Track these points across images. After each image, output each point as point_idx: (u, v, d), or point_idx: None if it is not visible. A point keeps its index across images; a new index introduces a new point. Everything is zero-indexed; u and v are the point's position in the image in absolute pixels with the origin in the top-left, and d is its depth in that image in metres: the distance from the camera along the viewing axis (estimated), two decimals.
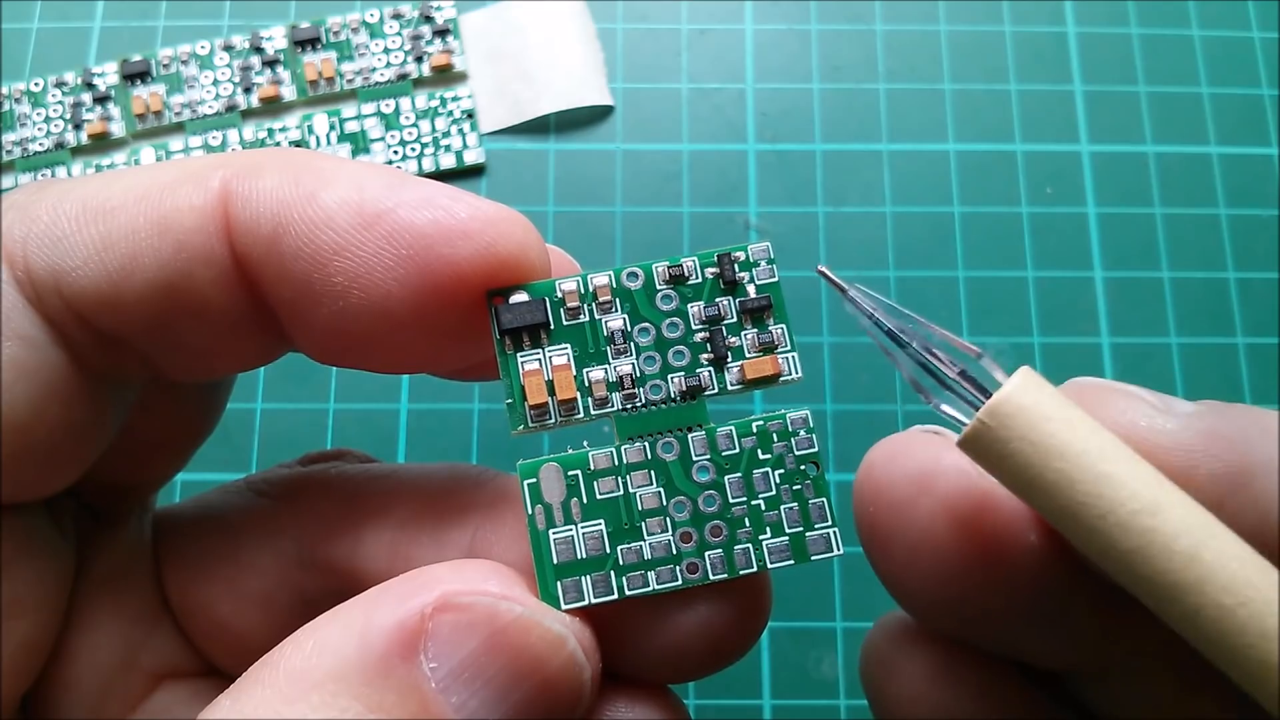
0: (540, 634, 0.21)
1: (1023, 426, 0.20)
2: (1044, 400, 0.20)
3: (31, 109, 0.57)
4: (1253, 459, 0.20)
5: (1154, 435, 0.21)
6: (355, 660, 0.20)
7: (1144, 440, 0.21)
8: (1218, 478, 0.20)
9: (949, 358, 0.22)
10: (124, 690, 0.27)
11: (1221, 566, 0.19)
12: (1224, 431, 0.21)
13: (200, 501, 0.29)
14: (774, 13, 0.60)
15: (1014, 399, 0.20)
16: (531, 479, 0.23)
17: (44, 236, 0.22)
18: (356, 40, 0.58)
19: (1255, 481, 0.20)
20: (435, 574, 0.22)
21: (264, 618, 0.27)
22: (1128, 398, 0.22)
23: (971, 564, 0.22)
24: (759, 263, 0.24)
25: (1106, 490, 0.20)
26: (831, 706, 0.49)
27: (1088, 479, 0.20)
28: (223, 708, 0.20)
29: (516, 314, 0.23)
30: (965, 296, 0.55)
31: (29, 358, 0.22)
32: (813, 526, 0.23)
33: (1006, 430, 0.20)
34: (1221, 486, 0.20)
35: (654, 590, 0.23)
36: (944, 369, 0.22)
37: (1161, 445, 0.21)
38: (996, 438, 0.20)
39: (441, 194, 0.23)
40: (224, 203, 0.23)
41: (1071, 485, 0.20)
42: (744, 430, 0.24)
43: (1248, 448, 0.21)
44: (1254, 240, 0.56)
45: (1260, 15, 0.60)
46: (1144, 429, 0.21)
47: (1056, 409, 0.20)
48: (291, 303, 0.23)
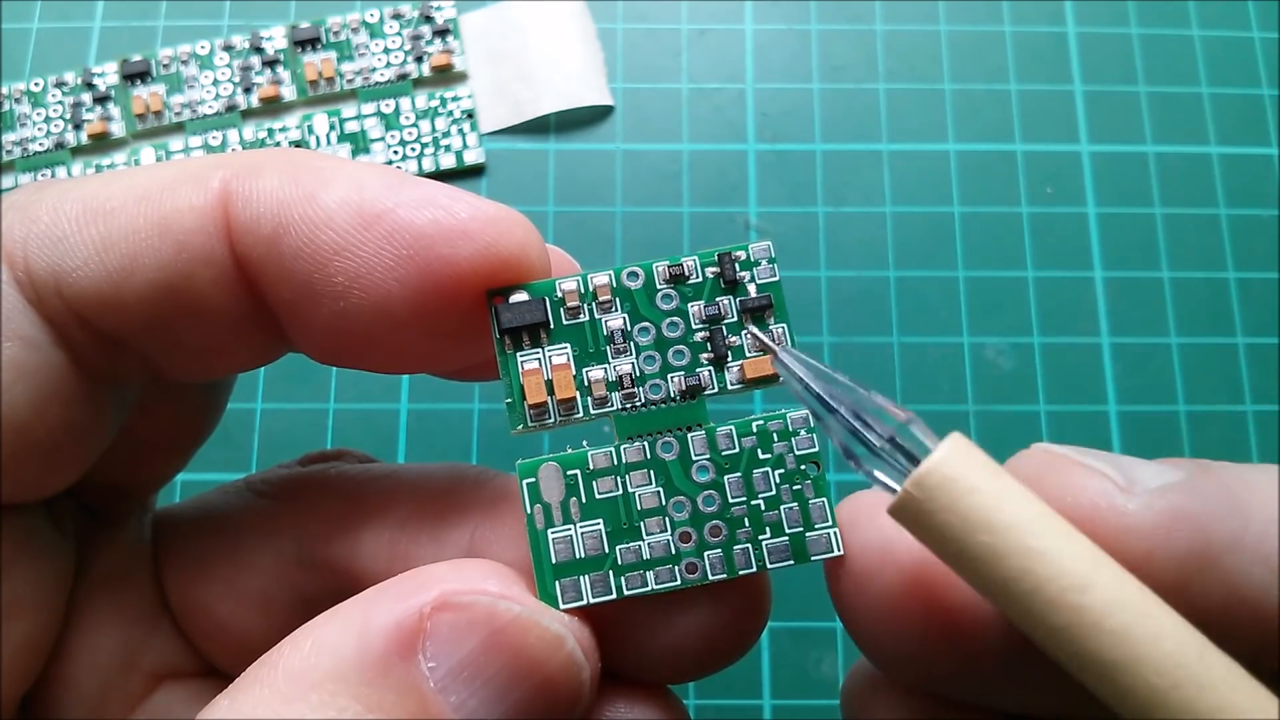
0: (539, 634, 0.21)
1: (948, 498, 0.19)
2: (972, 471, 0.20)
3: (31, 109, 0.57)
4: (1215, 539, 0.20)
5: (1114, 517, 0.20)
6: (354, 660, 0.20)
7: (1103, 522, 0.20)
8: (1180, 560, 0.20)
9: (879, 423, 0.21)
10: (124, 690, 0.27)
11: (1154, 646, 0.18)
12: (1187, 511, 0.20)
13: (200, 502, 0.29)
14: (774, 13, 0.60)
15: (940, 469, 0.19)
16: (530, 478, 0.23)
17: (44, 237, 0.22)
18: (356, 40, 0.58)
19: (1219, 563, 0.20)
20: (434, 573, 0.22)
21: (263, 618, 0.27)
22: (1087, 473, 0.21)
23: (935, 631, 0.22)
24: (760, 262, 0.24)
25: (1035, 566, 0.19)
26: (831, 706, 0.49)
27: (1015, 553, 0.19)
28: (221, 708, 0.20)
29: (516, 313, 0.23)
30: (965, 296, 0.55)
31: (29, 358, 0.22)
32: (813, 527, 0.23)
33: (932, 501, 0.19)
34: (1186, 569, 0.20)
35: (653, 590, 0.23)
36: (873, 435, 0.21)
37: (1121, 528, 0.20)
38: (923, 509, 0.20)
39: (441, 194, 0.23)
40: (224, 203, 0.23)
41: (998, 559, 0.19)
42: (744, 430, 0.24)
43: (1212, 527, 0.20)
44: (1254, 240, 0.56)
45: (1260, 15, 0.60)
46: (1103, 510, 0.20)
47: (985, 479, 0.20)
48: (292, 303, 0.23)
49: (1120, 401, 0.53)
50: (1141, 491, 0.20)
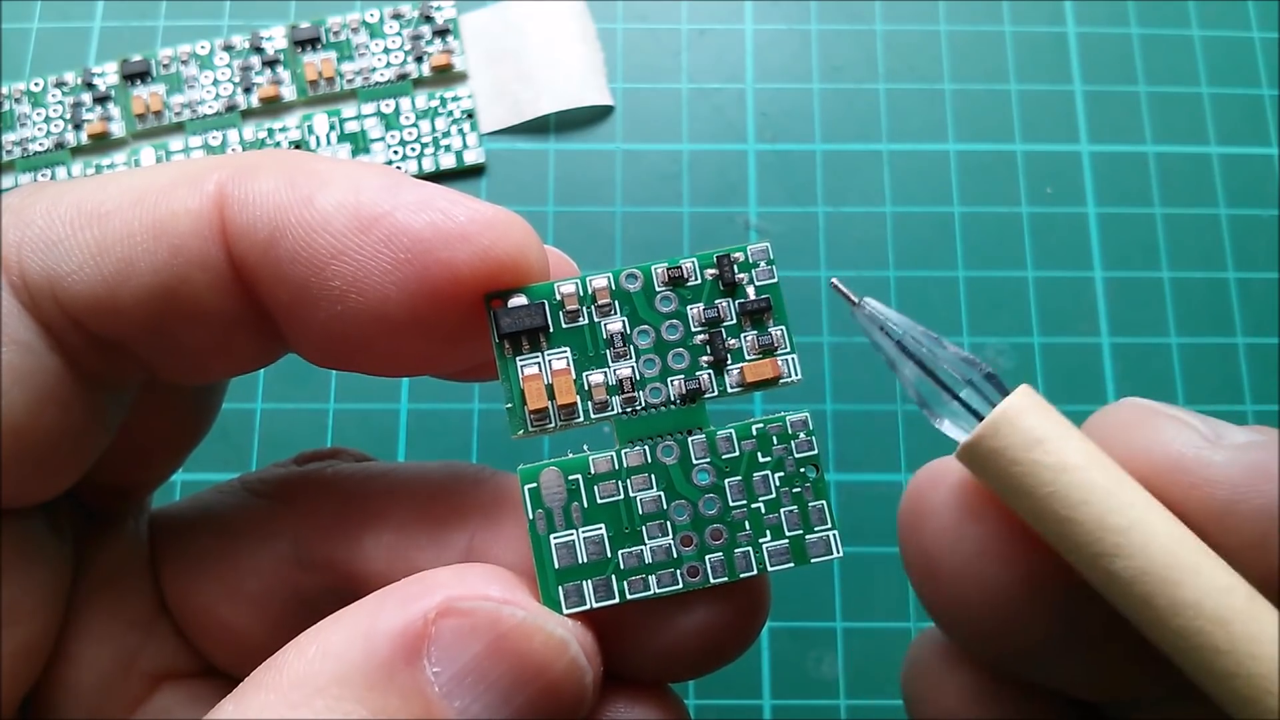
0: (543, 639, 0.21)
1: (1014, 441, 0.20)
2: (1038, 418, 0.21)
3: (31, 109, 0.57)
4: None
5: (1200, 468, 0.21)
6: (359, 664, 0.20)
7: (1187, 471, 0.21)
8: (1261, 514, 0.20)
9: (955, 371, 0.22)
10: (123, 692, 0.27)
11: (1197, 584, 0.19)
12: (1272, 466, 0.20)
13: (196, 502, 0.29)
14: (774, 13, 0.60)
15: (1007, 415, 0.21)
16: (532, 483, 0.23)
17: (39, 240, 0.22)
18: (356, 40, 0.58)
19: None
20: (438, 578, 0.22)
21: (262, 617, 0.27)
22: (1176, 424, 0.21)
23: (1015, 593, 0.22)
24: (758, 263, 0.24)
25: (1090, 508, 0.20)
26: (831, 706, 0.49)
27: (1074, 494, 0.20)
28: (226, 711, 0.20)
29: (515, 318, 0.23)
30: (965, 296, 0.55)
31: (25, 362, 0.22)
32: (813, 529, 0.23)
33: (998, 444, 0.21)
34: (1265, 522, 0.20)
35: (655, 594, 0.23)
36: (948, 382, 0.22)
37: (1206, 478, 0.20)
38: (989, 452, 0.21)
39: (440, 196, 0.23)
40: (220, 206, 0.23)
41: (1059, 501, 0.20)
42: (744, 433, 0.23)
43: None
44: (1254, 240, 0.56)
45: (1260, 15, 0.60)
46: (1191, 460, 0.21)
47: (1049, 427, 0.21)
48: (288, 306, 0.23)
49: None
50: (1229, 443, 0.21)
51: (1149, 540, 0.20)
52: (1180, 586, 0.19)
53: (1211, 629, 0.19)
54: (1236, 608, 0.19)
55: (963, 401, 0.22)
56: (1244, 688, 0.19)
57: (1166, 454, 0.21)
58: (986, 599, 0.23)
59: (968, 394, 0.22)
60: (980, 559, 0.23)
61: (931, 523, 0.23)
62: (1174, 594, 0.19)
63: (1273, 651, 0.19)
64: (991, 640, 0.23)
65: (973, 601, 0.23)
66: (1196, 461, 0.21)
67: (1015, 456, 0.21)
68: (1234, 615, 0.19)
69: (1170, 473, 0.21)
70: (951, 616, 0.24)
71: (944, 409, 0.22)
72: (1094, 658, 0.23)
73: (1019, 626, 0.23)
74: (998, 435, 0.21)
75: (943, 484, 0.23)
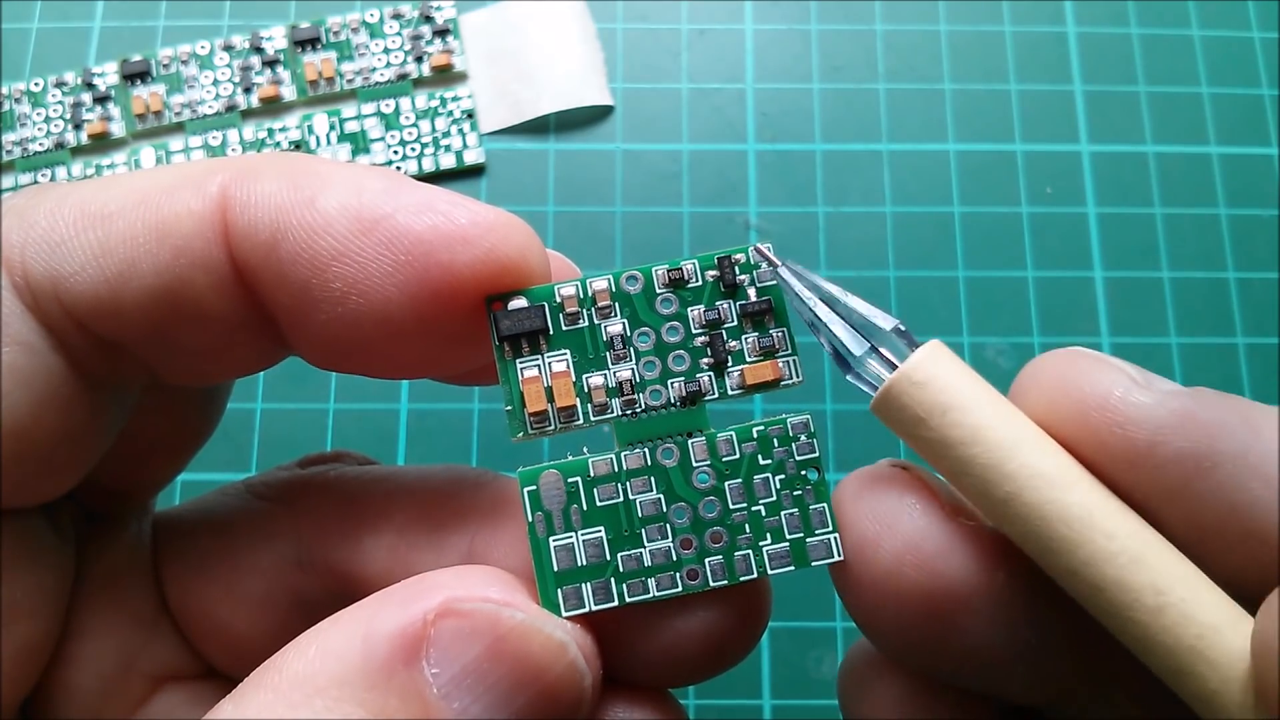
0: (542, 641, 0.21)
1: (922, 392, 0.21)
2: (945, 368, 0.22)
3: (31, 109, 0.57)
4: (1221, 446, 0.20)
5: (1125, 407, 0.21)
6: (358, 665, 0.20)
7: (1115, 411, 0.21)
8: (1181, 458, 0.20)
9: (869, 331, 0.23)
10: (124, 694, 0.27)
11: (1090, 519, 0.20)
12: (1198, 415, 0.21)
13: (199, 504, 0.29)
14: (774, 13, 0.60)
15: (917, 368, 0.21)
16: (531, 486, 0.23)
17: (42, 241, 0.22)
18: (356, 40, 0.58)
19: (1219, 469, 0.20)
20: (437, 580, 0.22)
21: (263, 620, 0.27)
22: (1108, 368, 0.22)
23: (935, 608, 0.22)
24: (759, 265, 0.24)
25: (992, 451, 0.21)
26: (831, 706, 0.49)
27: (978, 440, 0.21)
28: (225, 711, 0.20)
29: (515, 320, 0.23)
30: (965, 296, 0.55)
31: (27, 363, 0.22)
32: (813, 532, 0.23)
33: (906, 395, 0.21)
34: (1185, 468, 0.20)
35: (654, 597, 0.23)
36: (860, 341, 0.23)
37: (1131, 418, 0.21)
38: (898, 402, 0.22)
39: (441, 199, 0.23)
40: (222, 208, 0.23)
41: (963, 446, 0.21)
42: (744, 436, 0.23)
43: (1219, 433, 0.20)
44: (1254, 240, 0.56)
45: (1260, 15, 0.60)
46: (1116, 399, 0.21)
47: (956, 377, 0.22)
48: (290, 308, 0.23)
49: None
50: (1156, 390, 0.21)
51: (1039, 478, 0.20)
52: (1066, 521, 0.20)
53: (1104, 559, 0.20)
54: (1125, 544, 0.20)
55: (878, 356, 0.23)
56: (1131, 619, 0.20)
57: (1094, 393, 0.21)
58: (907, 613, 0.22)
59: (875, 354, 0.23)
60: (898, 572, 0.22)
61: (851, 534, 0.23)
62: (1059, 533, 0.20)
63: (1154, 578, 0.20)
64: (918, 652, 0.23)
65: (893, 615, 0.23)
66: (1122, 402, 0.21)
67: (917, 411, 0.21)
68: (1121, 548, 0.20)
69: (1096, 411, 0.21)
70: (875, 630, 0.24)
71: (859, 366, 0.23)
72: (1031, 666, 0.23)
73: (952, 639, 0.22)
74: (901, 391, 0.22)
75: (863, 497, 0.23)
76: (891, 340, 0.23)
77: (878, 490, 0.23)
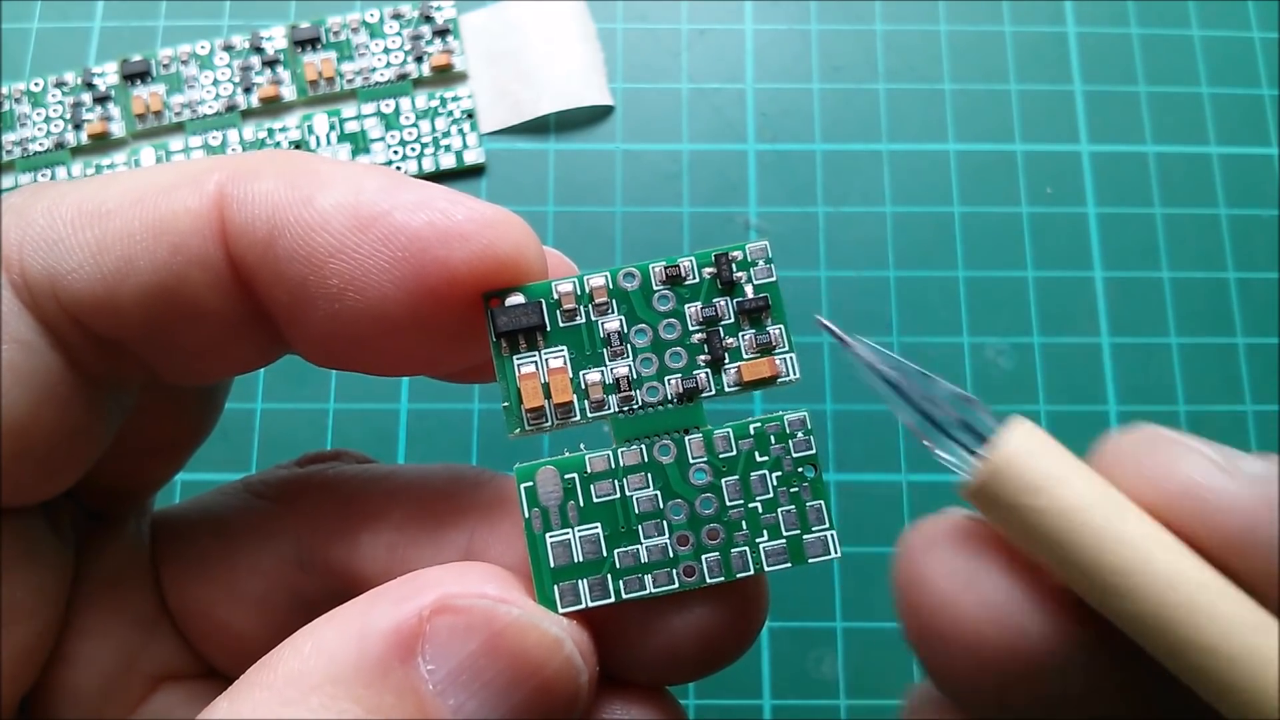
0: (537, 637, 0.21)
1: (1018, 478, 0.20)
2: (1039, 451, 0.21)
3: (31, 109, 0.57)
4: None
5: (1212, 495, 0.20)
6: (353, 662, 0.20)
7: (1201, 498, 0.20)
8: (1274, 545, 0.20)
9: (946, 407, 0.22)
10: (123, 693, 0.27)
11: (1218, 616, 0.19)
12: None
13: (198, 503, 0.29)
14: (774, 13, 0.60)
15: (1009, 449, 0.21)
16: (528, 482, 0.23)
17: (40, 239, 0.22)
18: (356, 40, 0.58)
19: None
20: (433, 576, 0.22)
21: (262, 619, 0.27)
22: (1189, 451, 0.21)
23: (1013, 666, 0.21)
24: (757, 262, 0.24)
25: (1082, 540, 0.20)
26: (831, 706, 0.49)
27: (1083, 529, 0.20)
28: (221, 709, 0.20)
29: (512, 317, 0.23)
30: (965, 296, 0.55)
31: (25, 361, 0.22)
32: (810, 529, 0.23)
33: (1003, 481, 0.21)
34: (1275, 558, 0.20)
35: (651, 594, 0.23)
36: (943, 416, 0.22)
37: (1219, 506, 0.20)
38: (993, 488, 0.21)
39: (438, 196, 0.23)
40: (219, 206, 0.23)
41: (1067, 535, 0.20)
42: (741, 432, 0.23)
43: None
44: (1254, 240, 0.56)
45: (1260, 15, 0.60)
46: (1202, 488, 0.20)
47: (1052, 460, 0.21)
48: (287, 305, 0.23)
49: (1120, 401, 0.53)
50: (1243, 475, 0.20)
51: (1151, 580, 0.19)
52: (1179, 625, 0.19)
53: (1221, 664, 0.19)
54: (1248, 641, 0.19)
55: (958, 441, 0.22)
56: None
57: (1179, 482, 0.20)
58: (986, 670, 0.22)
59: (963, 434, 0.22)
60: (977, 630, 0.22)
61: (925, 593, 0.22)
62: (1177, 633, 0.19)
63: None
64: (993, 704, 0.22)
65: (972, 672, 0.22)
66: (1210, 490, 0.20)
67: (1011, 500, 0.21)
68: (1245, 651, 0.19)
69: (1183, 500, 0.20)
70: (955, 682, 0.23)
71: (944, 445, 0.22)
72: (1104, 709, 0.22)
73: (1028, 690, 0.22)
74: (993, 479, 0.21)
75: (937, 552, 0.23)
76: (974, 416, 0.22)
77: (954, 546, 0.22)
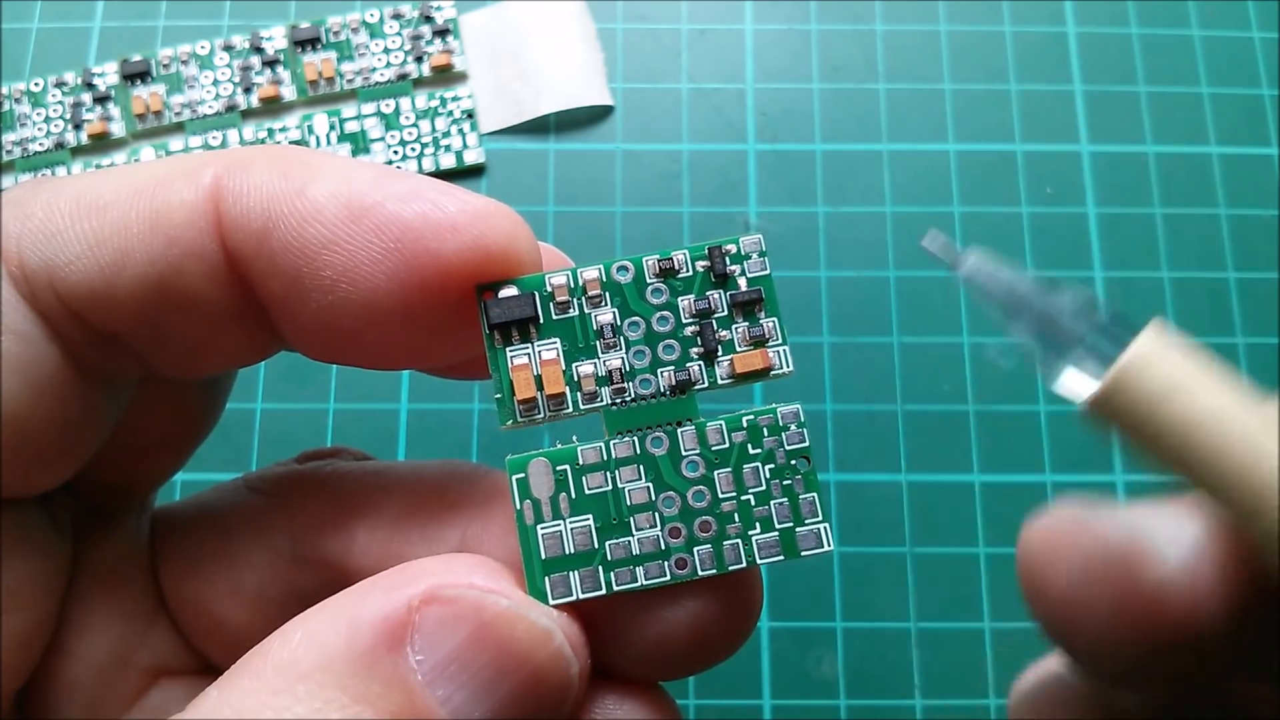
0: (527, 628, 0.21)
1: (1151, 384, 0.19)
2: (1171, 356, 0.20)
3: (31, 109, 0.57)
4: None
5: None
6: (342, 652, 0.20)
7: None
8: None
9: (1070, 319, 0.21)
10: (120, 687, 0.27)
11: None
12: None
13: (196, 500, 0.29)
14: (774, 13, 0.60)
15: (1143, 354, 0.20)
16: (520, 474, 0.23)
17: (38, 232, 0.23)
18: (356, 40, 0.59)
19: None
20: (422, 567, 0.22)
21: (259, 614, 0.27)
22: None
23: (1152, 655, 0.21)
24: (750, 255, 0.24)
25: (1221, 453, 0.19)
26: (831, 706, 0.49)
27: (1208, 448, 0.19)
28: (210, 698, 0.20)
29: (505, 308, 0.23)
30: (965, 296, 0.55)
31: (23, 352, 0.22)
32: (803, 522, 0.23)
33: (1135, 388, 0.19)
34: None
35: (642, 586, 0.23)
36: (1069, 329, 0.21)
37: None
38: (1125, 396, 0.20)
39: (430, 188, 0.23)
40: (215, 198, 0.23)
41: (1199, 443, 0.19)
42: (734, 425, 0.23)
43: None
44: (1254, 240, 0.56)
45: (1260, 15, 0.60)
46: None
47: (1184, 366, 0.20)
48: (281, 297, 0.23)
49: None
50: None
51: None
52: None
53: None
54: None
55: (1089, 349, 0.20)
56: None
57: None
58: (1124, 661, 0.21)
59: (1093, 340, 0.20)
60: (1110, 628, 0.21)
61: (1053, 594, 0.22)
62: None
63: None
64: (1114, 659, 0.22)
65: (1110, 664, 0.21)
66: None
67: (1146, 410, 0.19)
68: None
69: None
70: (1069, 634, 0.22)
71: (1068, 359, 0.21)
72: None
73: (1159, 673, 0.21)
74: (1127, 388, 0.20)
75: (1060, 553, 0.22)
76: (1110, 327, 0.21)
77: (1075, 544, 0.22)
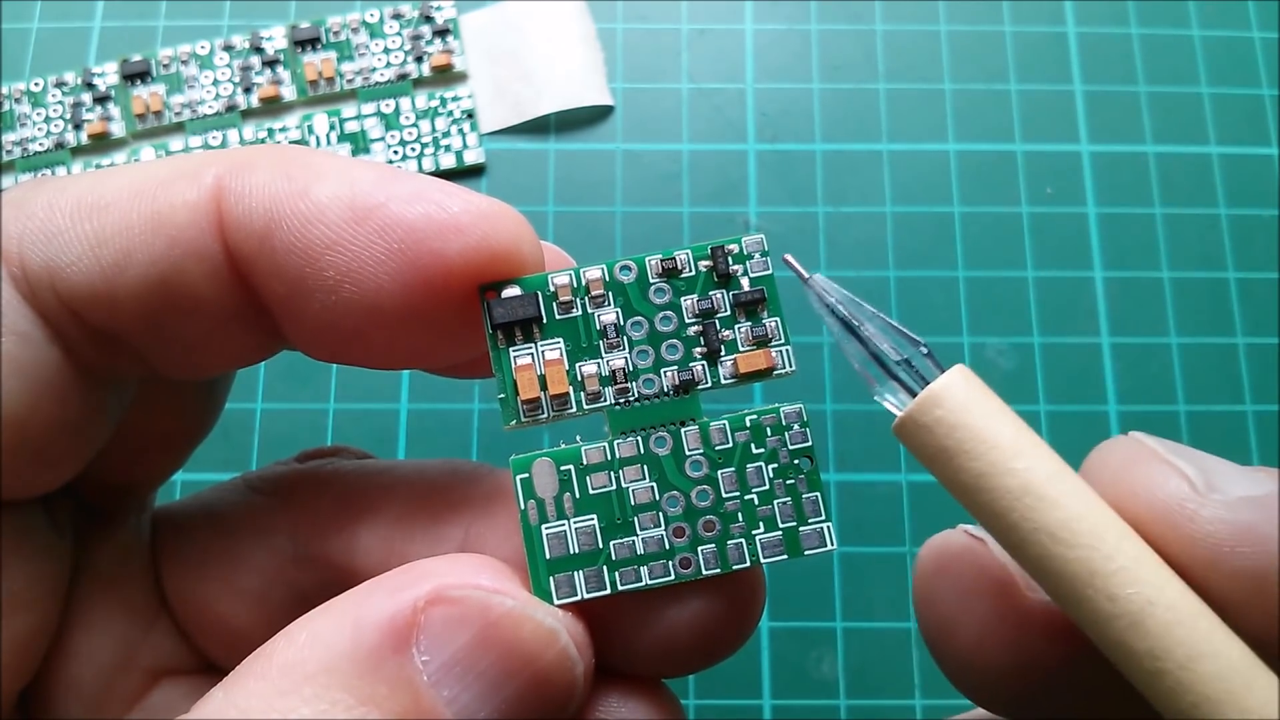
0: (532, 628, 0.21)
1: (944, 420, 0.21)
2: (969, 397, 0.21)
3: (31, 109, 0.57)
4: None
5: (1183, 521, 0.20)
6: (347, 653, 0.20)
7: (1172, 524, 0.21)
8: (1240, 578, 0.20)
9: (895, 349, 0.23)
10: (122, 688, 0.27)
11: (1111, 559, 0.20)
12: (1259, 530, 0.20)
13: (198, 499, 0.29)
14: (774, 13, 0.60)
15: (940, 393, 0.21)
16: (524, 474, 0.23)
17: (39, 232, 0.23)
18: (356, 40, 0.59)
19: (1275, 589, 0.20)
20: (428, 568, 0.22)
21: (261, 614, 0.27)
22: (1168, 471, 0.21)
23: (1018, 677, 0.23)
24: (753, 255, 0.24)
25: (1010, 483, 0.21)
26: (831, 706, 0.49)
27: (997, 474, 0.21)
28: (215, 699, 0.20)
29: (509, 308, 0.23)
30: (965, 296, 0.55)
31: (24, 353, 0.22)
32: (806, 521, 0.23)
33: (929, 422, 0.21)
34: (1244, 588, 0.20)
35: (647, 585, 0.23)
36: (889, 357, 0.23)
37: (1187, 535, 0.20)
38: (920, 429, 0.21)
39: (433, 188, 0.23)
40: (217, 198, 0.23)
41: (982, 478, 0.21)
42: (737, 424, 0.23)
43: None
44: (1254, 240, 0.56)
45: (1260, 15, 0.60)
46: (1175, 512, 0.21)
47: (980, 406, 0.21)
48: (284, 298, 0.23)
49: (1120, 401, 0.53)
50: (1218, 500, 0.21)
51: (1053, 501, 0.20)
52: (1071, 546, 0.20)
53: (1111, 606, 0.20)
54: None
55: (899, 381, 0.23)
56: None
57: (1154, 501, 0.21)
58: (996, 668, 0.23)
59: (905, 372, 0.23)
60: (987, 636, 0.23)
61: (937, 610, 0.24)
62: (1065, 589, 0.20)
63: None
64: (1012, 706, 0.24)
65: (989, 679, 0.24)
66: (1181, 515, 0.21)
67: (930, 440, 0.21)
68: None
69: (1159, 518, 0.21)
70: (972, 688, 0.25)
71: (886, 386, 0.23)
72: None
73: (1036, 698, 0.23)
74: (924, 414, 0.21)
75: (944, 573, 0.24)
76: (920, 361, 0.23)
77: (954, 570, 0.24)
